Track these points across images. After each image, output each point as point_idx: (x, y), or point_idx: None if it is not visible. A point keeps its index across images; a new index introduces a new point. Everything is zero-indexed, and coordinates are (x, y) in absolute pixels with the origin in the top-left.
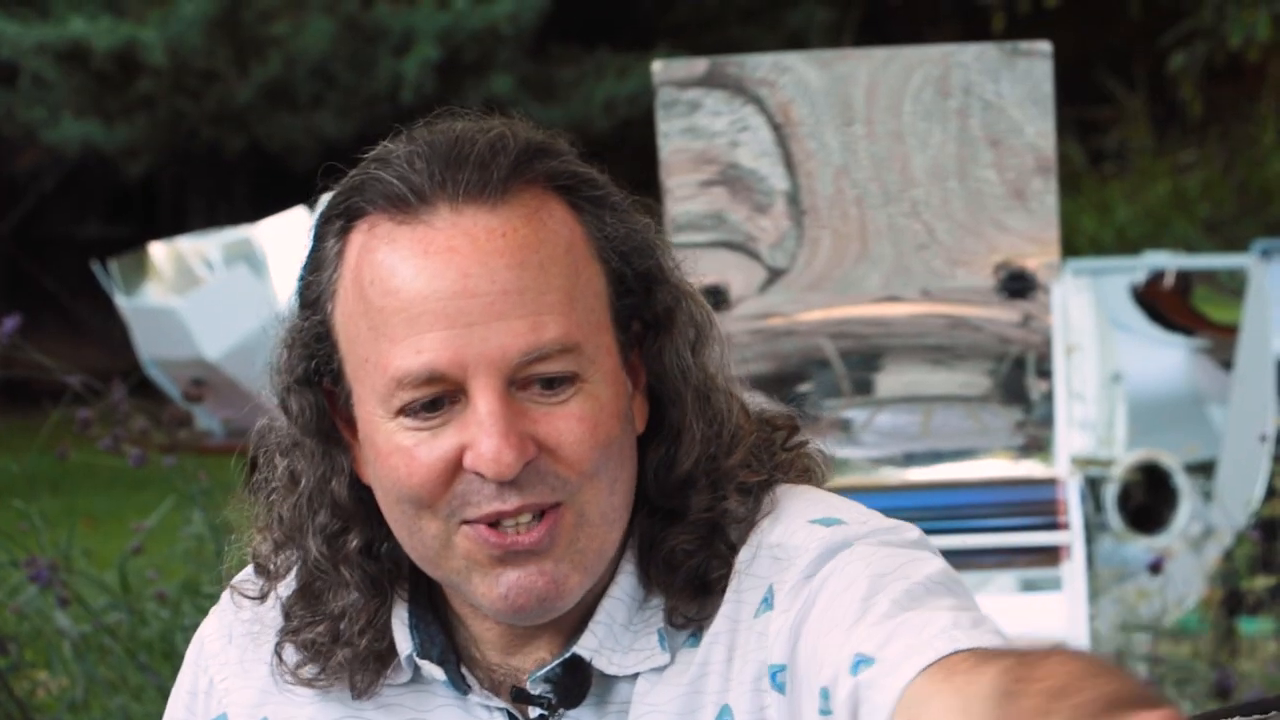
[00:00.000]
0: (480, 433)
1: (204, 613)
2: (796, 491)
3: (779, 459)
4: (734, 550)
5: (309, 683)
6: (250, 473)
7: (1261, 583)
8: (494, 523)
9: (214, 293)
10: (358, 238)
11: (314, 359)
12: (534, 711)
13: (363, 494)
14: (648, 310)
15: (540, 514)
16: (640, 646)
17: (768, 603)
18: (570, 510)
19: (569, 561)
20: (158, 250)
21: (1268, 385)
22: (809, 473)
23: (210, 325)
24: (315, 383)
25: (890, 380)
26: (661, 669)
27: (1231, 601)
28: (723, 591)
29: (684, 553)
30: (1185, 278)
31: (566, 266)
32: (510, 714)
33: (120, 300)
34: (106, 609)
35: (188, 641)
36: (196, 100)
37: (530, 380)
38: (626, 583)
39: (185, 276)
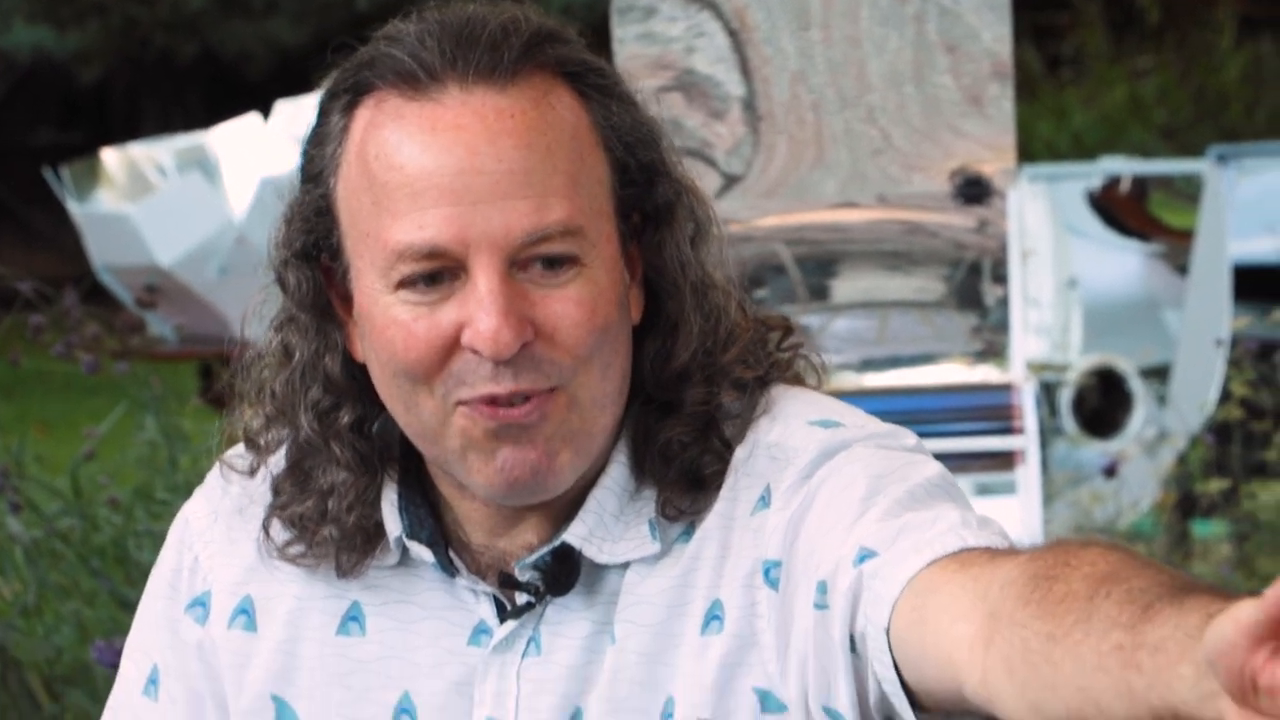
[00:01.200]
0: (479, 310)
1: (157, 518)
2: (793, 393)
3: (775, 359)
4: (729, 447)
5: (295, 560)
6: (205, 380)
7: (1215, 486)
8: (491, 402)
9: (167, 199)
10: (364, 113)
11: (313, 233)
12: (521, 597)
13: (355, 372)
14: (649, 202)
15: (532, 397)
16: (631, 536)
17: (764, 501)
18: (563, 394)
19: (560, 439)
20: (110, 157)
21: (1223, 290)
22: (803, 376)
23: (163, 231)
24: (314, 258)
25: (846, 286)
26: (652, 560)
27: (1185, 505)
28: (718, 488)
29: (679, 444)
30: (1141, 183)
31: (572, 151)
32: (497, 599)
33: (73, 207)
34: (59, 515)
35: (140, 547)
36: (149, 6)
37: (531, 261)
38: (618, 473)
39: (138, 183)
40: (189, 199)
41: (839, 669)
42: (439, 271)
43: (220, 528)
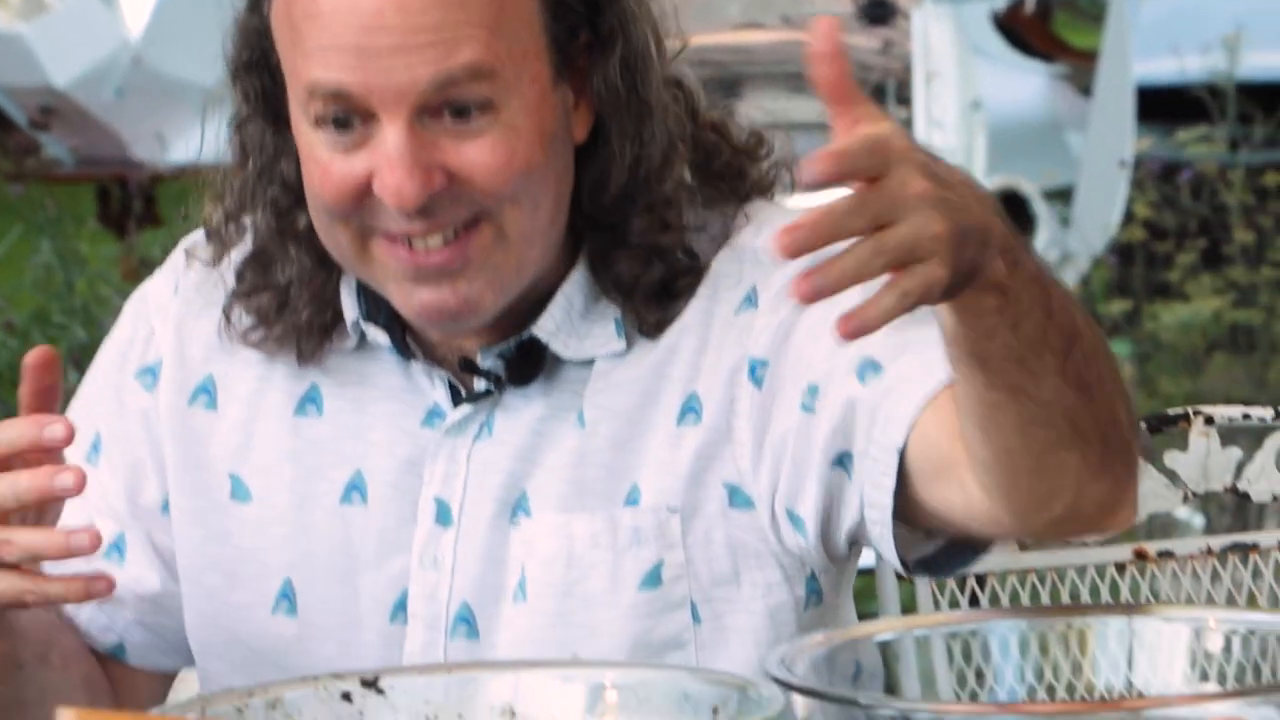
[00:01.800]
0: (385, 164)
1: (54, 342)
2: (776, 205)
3: (752, 179)
4: (696, 258)
5: (256, 345)
6: (102, 203)
7: (1118, 307)
8: (408, 241)
9: (62, 19)
10: None
11: (255, 50)
12: (479, 384)
13: None
14: (592, 27)
15: (455, 233)
16: (597, 334)
17: (751, 301)
18: (489, 227)
19: (482, 281)
20: None
21: (1126, 111)
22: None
23: (58, 52)
24: (262, 69)
25: (751, 108)
26: (619, 355)
27: None
28: (693, 293)
29: (633, 275)
30: (1045, 3)
31: None
32: (452, 385)
33: None
34: None
35: None
36: None
37: (441, 107)
38: (582, 276)
39: (31, 1)
40: (85, 19)
41: (812, 475)
42: (348, 115)
43: (179, 304)
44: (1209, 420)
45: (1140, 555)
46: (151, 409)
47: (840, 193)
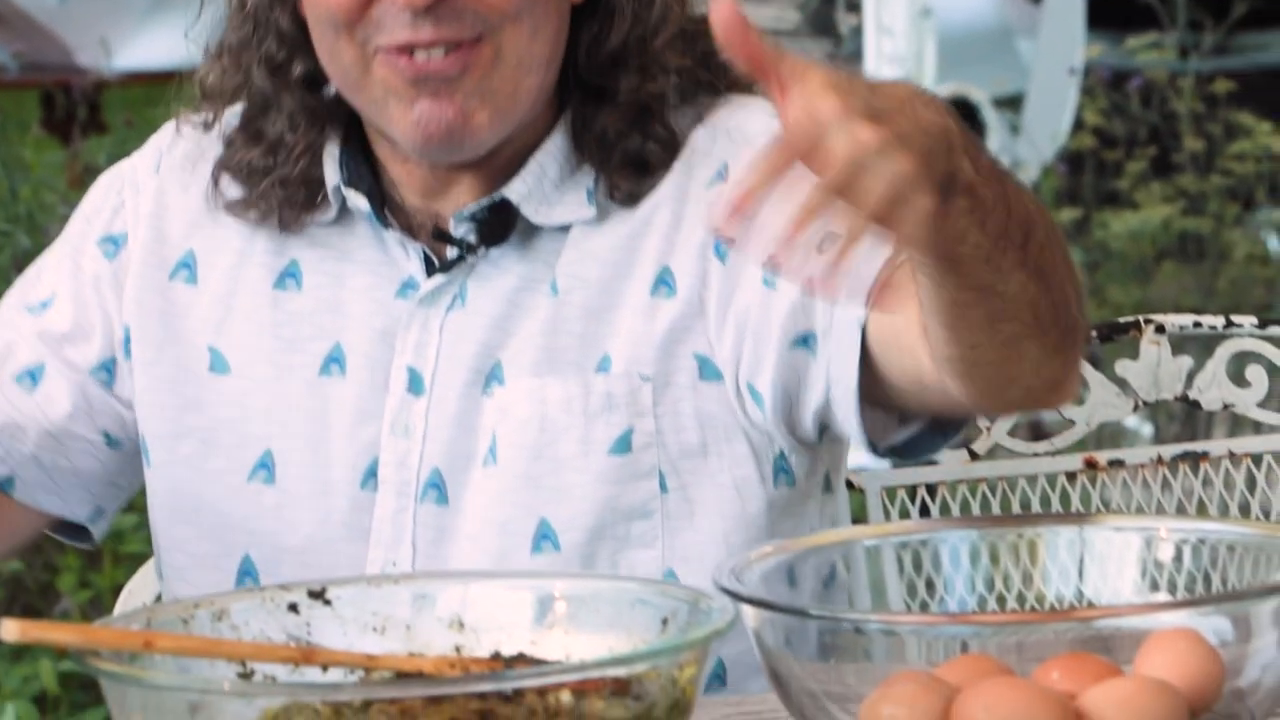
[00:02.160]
0: None
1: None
2: (753, 94)
3: (736, 74)
4: (674, 134)
5: (240, 214)
6: (46, 109)
7: (1067, 215)
8: (410, 51)
9: None
10: None
11: None
12: (452, 252)
13: (306, 26)
14: None
15: (456, 47)
16: (568, 201)
17: (722, 176)
18: (489, 46)
19: (479, 97)
20: None
21: (1076, 18)
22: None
23: None
24: None
25: None
26: (595, 222)
27: None
28: (668, 169)
29: (616, 132)
30: None
31: None
32: (427, 258)
33: None
34: None
35: None
36: None
37: None
38: (560, 143)
39: None
40: None
41: (770, 351)
42: None
43: (157, 181)
44: (1160, 329)
45: (1090, 465)
46: (107, 276)
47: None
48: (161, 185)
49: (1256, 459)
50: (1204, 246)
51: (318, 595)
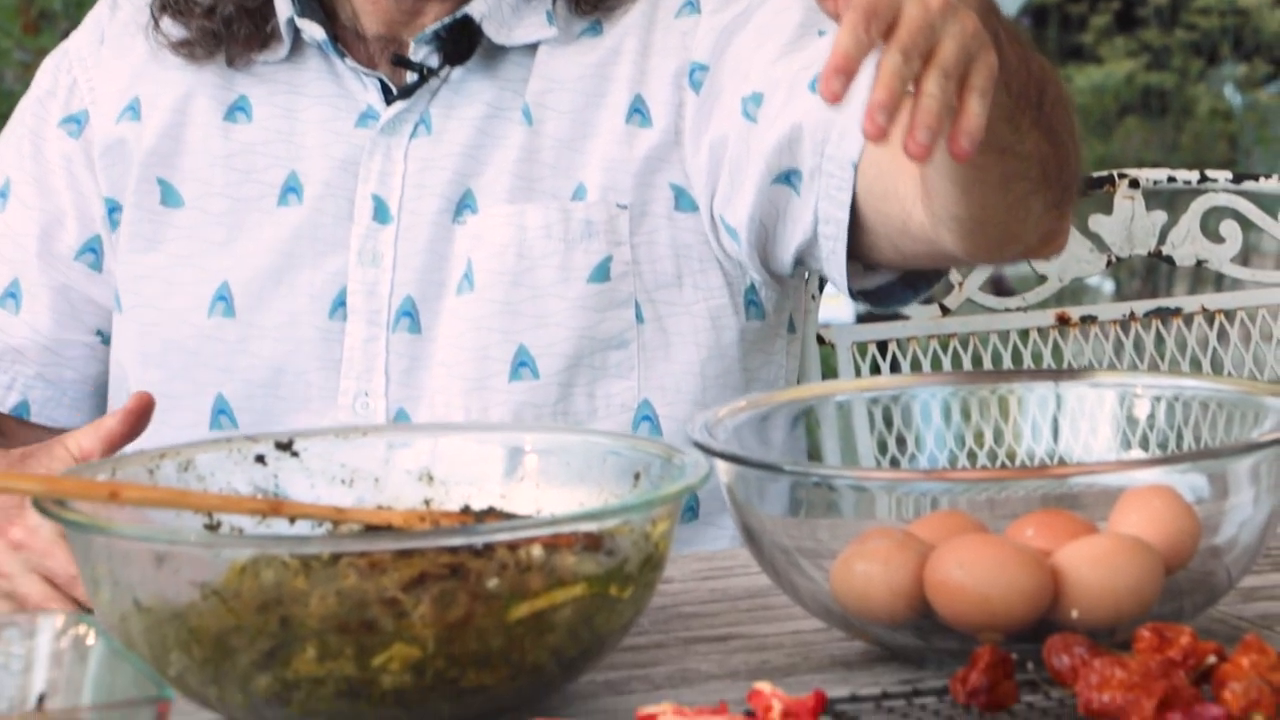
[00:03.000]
0: None
1: None
2: None
3: None
4: None
5: (185, 53)
6: None
7: None
8: None
9: None
10: None
11: None
12: (412, 78)
13: None
14: None
15: None
16: (530, 21)
17: (693, 6)
18: None
19: None
20: None
21: None
22: None
23: None
24: None
25: None
26: (560, 43)
27: None
28: None
29: None
30: None
31: None
32: (385, 87)
33: None
34: None
35: None
36: None
37: None
38: None
39: None
40: None
41: (749, 184)
42: None
43: (105, 50)
44: (1134, 183)
45: (1062, 320)
46: (78, 155)
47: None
48: (106, 53)
49: (1229, 315)
50: (1167, 102)
51: (285, 447)
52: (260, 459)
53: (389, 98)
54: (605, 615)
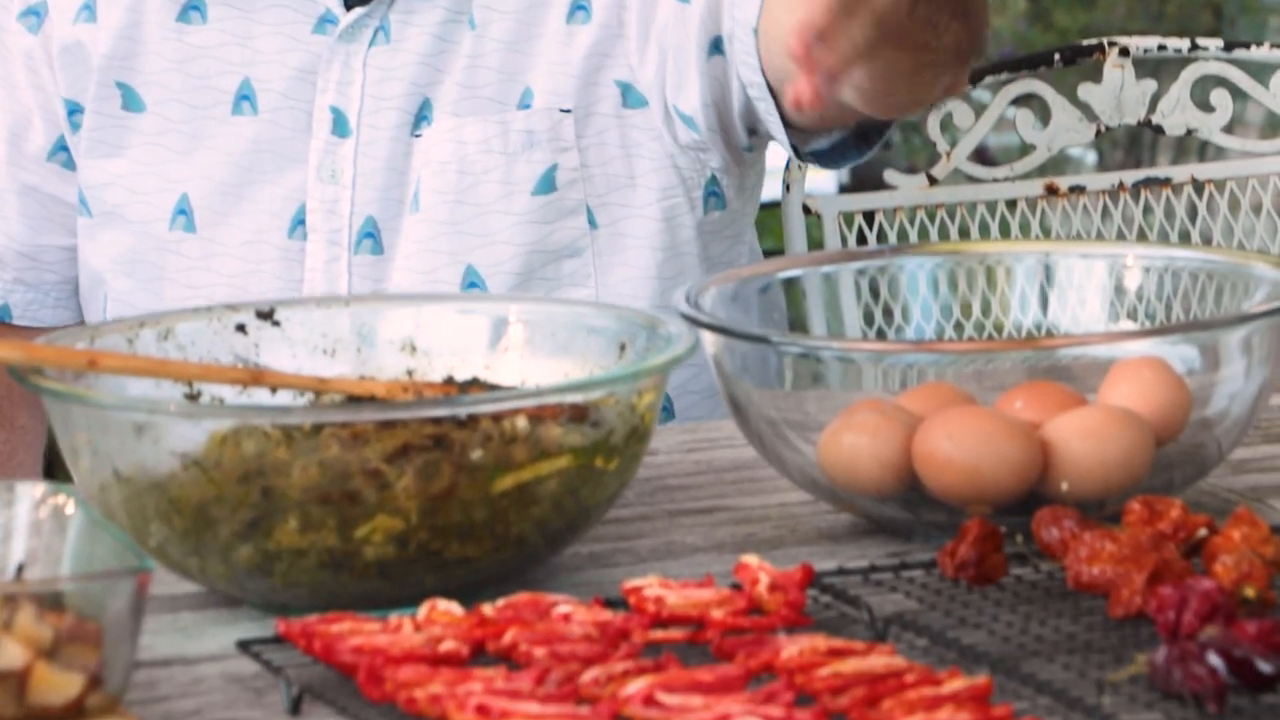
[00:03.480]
0: None
1: None
2: None
3: None
4: None
5: None
6: None
7: None
8: None
9: None
10: None
11: None
12: None
13: None
14: None
15: None
16: None
17: None
18: None
19: None
20: None
21: None
22: None
23: None
24: None
25: None
26: None
27: None
28: None
29: None
30: None
31: None
32: None
33: None
34: None
35: None
36: None
37: None
38: None
39: None
40: None
41: (691, 68)
42: None
43: None
44: (1124, 52)
45: (1051, 190)
46: (36, 52)
47: None
48: None
49: (1219, 185)
50: None
51: (266, 316)
52: (241, 328)
53: (348, 2)
54: (590, 487)
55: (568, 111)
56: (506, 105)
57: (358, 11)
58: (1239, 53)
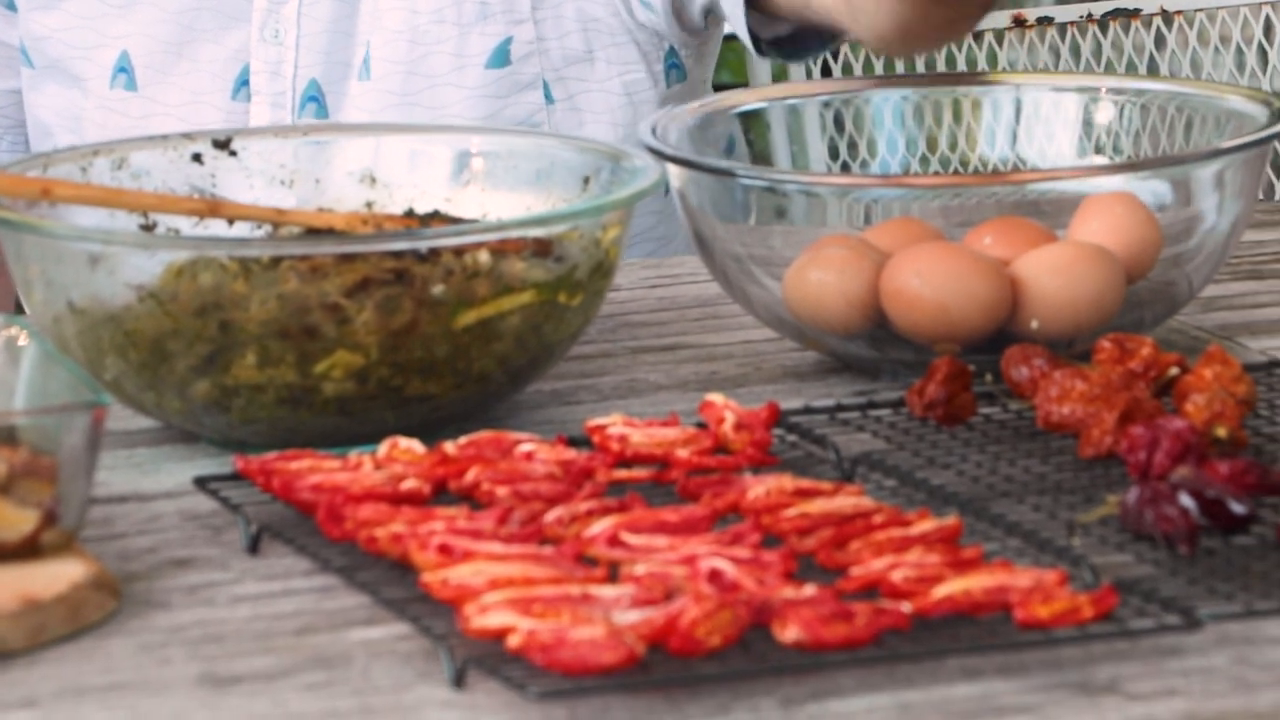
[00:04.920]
0: None
1: None
2: None
3: None
4: None
5: None
6: None
7: None
8: None
9: None
10: None
11: None
12: None
13: None
14: None
15: None
16: None
17: None
18: None
19: None
20: None
21: None
22: None
23: None
24: None
25: None
26: None
27: None
28: None
29: None
30: None
31: None
32: None
33: None
34: None
35: None
36: None
37: None
38: None
39: None
40: None
41: None
42: None
43: None
44: None
45: (1019, 22)
46: None
47: None
48: None
49: (1189, 17)
50: None
51: (223, 145)
52: (197, 158)
53: None
54: (554, 323)
55: None
56: None
57: None
58: None
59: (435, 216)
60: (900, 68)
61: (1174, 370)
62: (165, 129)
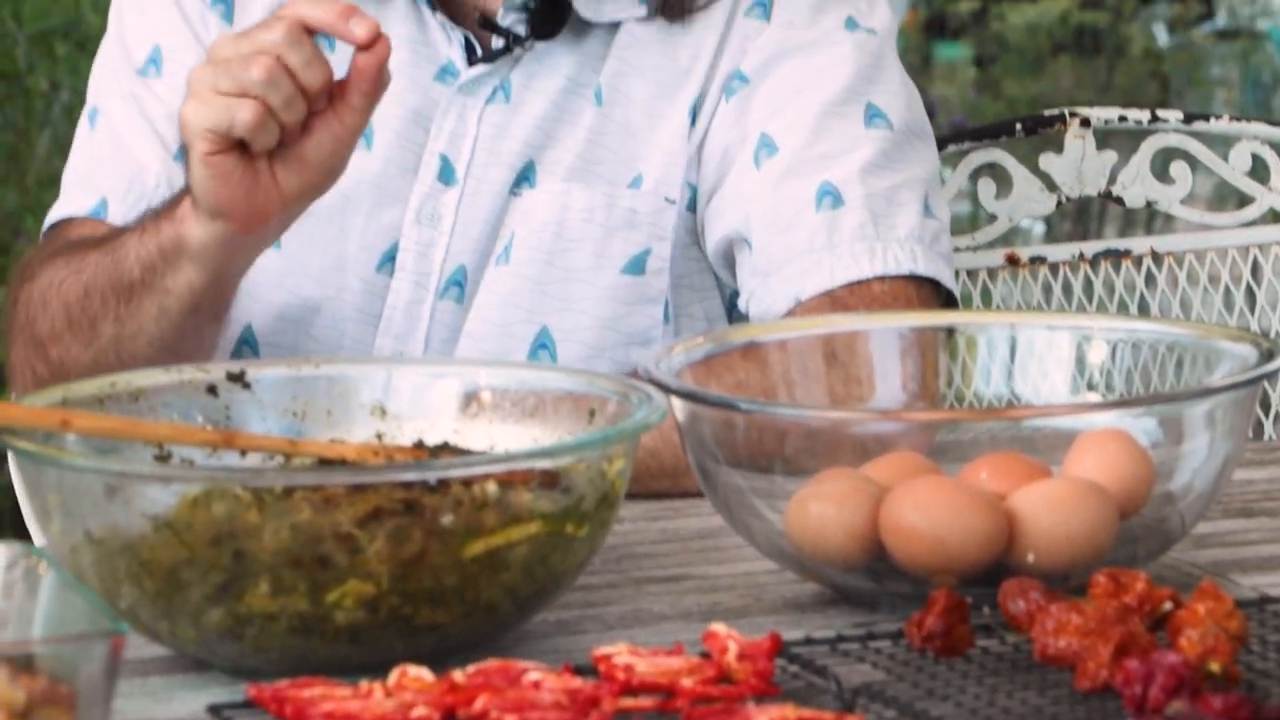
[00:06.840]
0: None
1: None
2: None
3: None
4: None
5: None
6: None
7: (966, 7)
8: None
9: None
10: None
11: None
12: (498, 43)
13: None
14: None
15: None
16: (623, 2)
17: (764, 9)
18: None
19: None
20: None
21: None
22: None
23: None
24: None
25: None
26: (643, 21)
27: (932, 26)
28: None
29: None
30: None
31: None
32: (470, 46)
33: None
34: None
35: None
36: None
37: None
38: None
39: None
40: None
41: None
42: None
43: None
44: (1085, 122)
45: (1012, 261)
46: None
47: None
48: None
49: (1178, 258)
50: (1100, 41)
51: (236, 378)
52: (212, 390)
53: (471, 58)
54: (561, 554)
55: (672, 202)
56: (617, 183)
57: (481, 68)
58: (1199, 125)
59: (444, 448)
60: None
61: (1168, 605)
62: (300, 289)
